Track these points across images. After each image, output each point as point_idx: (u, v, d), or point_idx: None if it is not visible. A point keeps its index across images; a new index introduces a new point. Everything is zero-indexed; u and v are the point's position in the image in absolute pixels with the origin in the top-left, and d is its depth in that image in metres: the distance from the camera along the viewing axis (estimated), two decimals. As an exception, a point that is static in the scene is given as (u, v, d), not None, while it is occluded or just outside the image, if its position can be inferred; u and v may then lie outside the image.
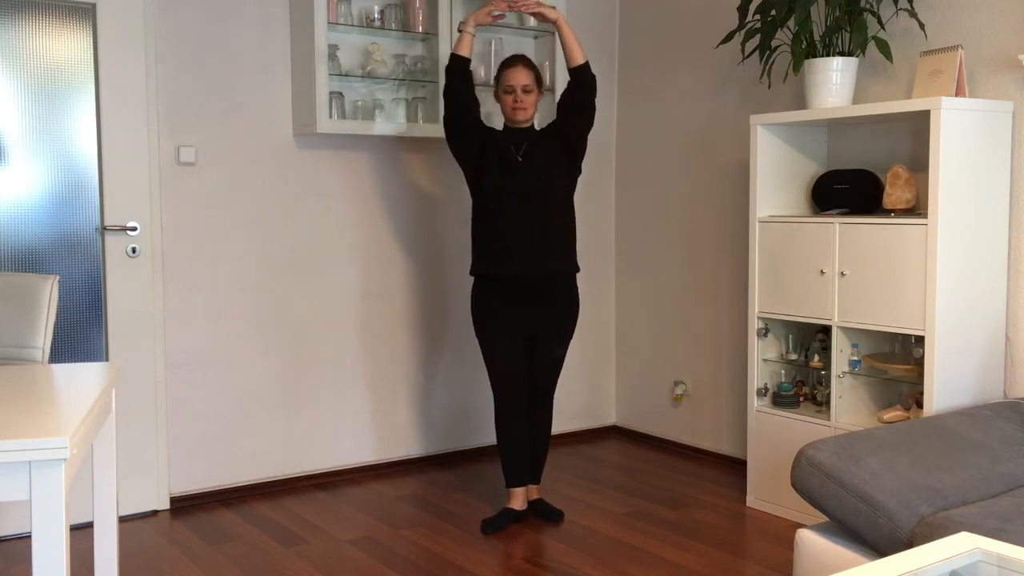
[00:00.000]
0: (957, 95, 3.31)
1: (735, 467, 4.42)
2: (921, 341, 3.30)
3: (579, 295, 3.73)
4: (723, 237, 4.49)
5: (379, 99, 4.30)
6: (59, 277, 3.44)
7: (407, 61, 4.28)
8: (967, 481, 2.44)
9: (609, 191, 5.07)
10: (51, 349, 3.53)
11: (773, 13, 3.68)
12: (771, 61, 3.81)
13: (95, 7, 3.69)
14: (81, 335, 3.73)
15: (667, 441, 4.84)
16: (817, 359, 3.74)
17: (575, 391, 5.01)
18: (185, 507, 3.95)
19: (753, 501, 3.89)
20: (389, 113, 4.32)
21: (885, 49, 3.49)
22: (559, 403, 4.89)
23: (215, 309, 4.01)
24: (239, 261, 4.06)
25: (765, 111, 4.23)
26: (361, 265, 4.35)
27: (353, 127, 4.05)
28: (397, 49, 4.33)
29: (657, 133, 4.81)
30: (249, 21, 4.02)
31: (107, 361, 3.78)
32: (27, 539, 3.60)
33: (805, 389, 3.87)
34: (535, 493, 3.81)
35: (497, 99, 3.67)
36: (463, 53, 3.56)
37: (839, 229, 3.47)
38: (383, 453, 4.46)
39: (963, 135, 3.20)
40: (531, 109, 3.61)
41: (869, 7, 3.62)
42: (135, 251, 3.80)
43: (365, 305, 4.37)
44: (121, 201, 3.77)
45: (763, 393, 3.87)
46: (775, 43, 4.06)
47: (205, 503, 4.00)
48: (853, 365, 3.54)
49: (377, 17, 4.19)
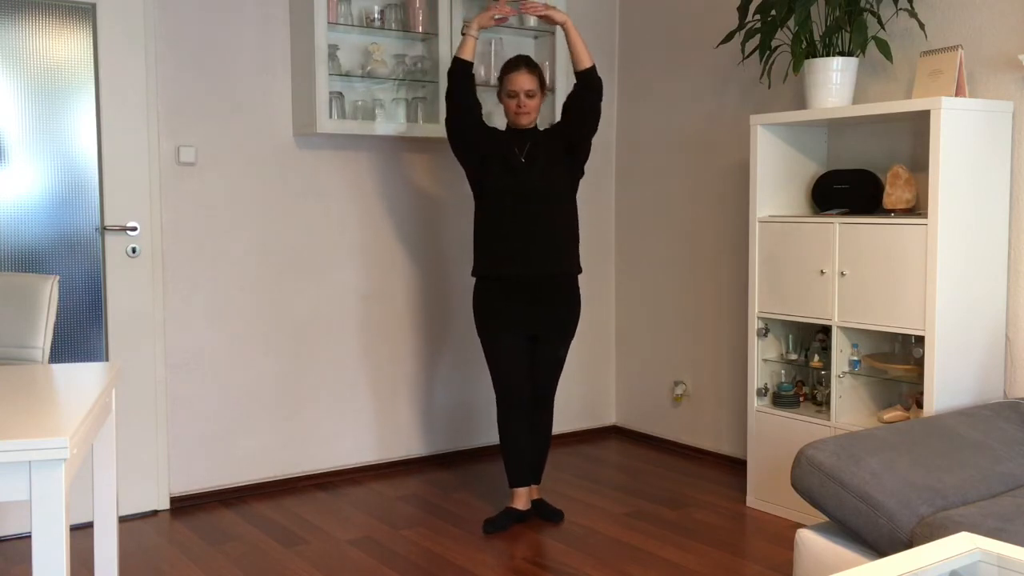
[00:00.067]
0: (957, 95, 3.31)
1: (735, 467, 4.42)
2: (921, 341, 3.30)
3: (580, 296, 3.73)
4: (723, 237, 4.49)
5: (379, 99, 4.30)
6: (59, 277, 3.44)
7: (407, 61, 4.28)
8: (967, 481, 2.44)
9: (609, 191, 5.07)
10: (51, 349, 3.53)
11: (773, 13, 3.68)
12: (771, 61, 3.81)
13: (95, 7, 3.69)
14: (81, 335, 3.73)
15: (667, 441, 4.84)
16: (817, 359, 3.74)
17: (575, 391, 5.01)
18: (185, 507, 3.95)
19: (753, 501, 3.89)
20: (389, 113, 4.32)
21: (885, 49, 3.49)
22: (559, 403, 4.89)
23: (215, 309, 4.01)
24: (239, 261, 4.06)
25: (765, 111, 4.23)
26: (361, 265, 4.35)
27: (353, 127, 4.06)
28: (397, 49, 4.33)
29: (657, 133, 4.81)
30: (249, 21, 4.02)
31: (107, 361, 3.78)
32: (27, 539, 3.60)
33: (805, 389, 3.87)
34: (535, 493, 3.81)
35: (500, 100, 3.67)
36: (466, 57, 3.55)
37: (839, 229, 3.47)
38: (383, 453, 4.46)
39: (963, 135, 3.20)
40: (534, 113, 3.61)
41: (869, 7, 3.62)
42: (135, 251, 3.80)
43: (365, 305, 4.37)
44: (121, 201, 3.77)
45: (763, 393, 3.87)
46: (775, 43, 4.06)
47: (205, 503, 4.00)
48: (853, 365, 3.54)
49: (377, 17, 4.19)
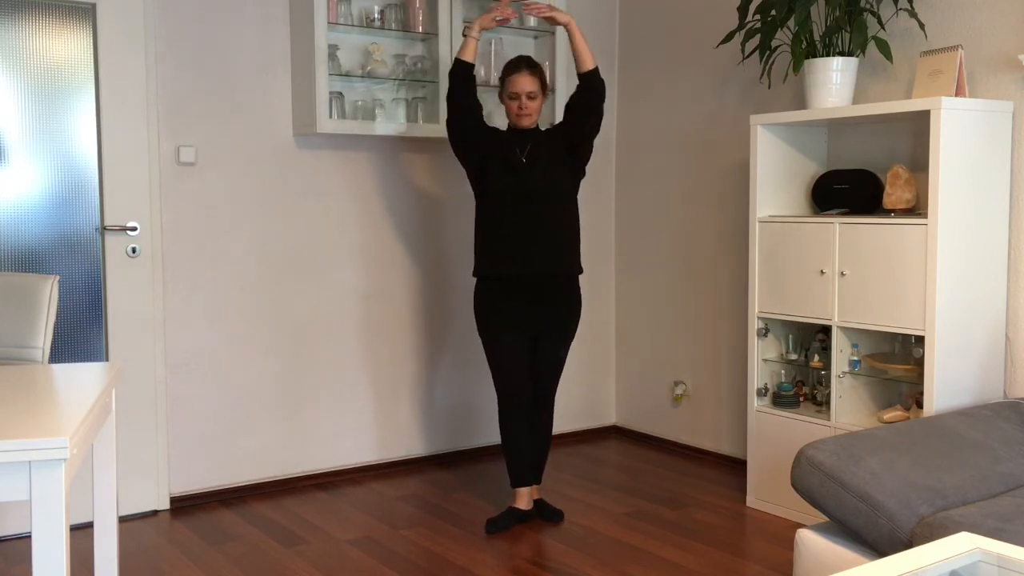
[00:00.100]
0: (957, 95, 3.31)
1: (735, 467, 4.42)
2: (921, 341, 3.30)
3: (581, 296, 3.74)
4: (723, 237, 4.49)
5: (379, 99, 4.30)
6: (59, 277, 3.44)
7: (407, 61, 4.28)
8: (967, 481, 2.44)
9: (609, 191, 5.07)
10: (51, 349, 3.53)
11: (773, 13, 3.68)
12: (771, 61, 3.81)
13: (95, 7, 3.69)
14: (81, 335, 3.73)
15: (667, 441, 4.84)
16: (817, 359, 3.74)
17: (575, 391, 5.01)
18: (185, 507, 3.95)
19: (753, 501, 3.89)
20: (389, 113, 4.32)
21: (885, 49, 3.49)
22: (559, 403, 4.89)
23: (215, 309, 4.01)
24: (239, 261, 4.06)
25: (765, 111, 4.23)
26: (361, 265, 4.35)
27: (353, 127, 4.05)
28: (397, 49, 4.33)
29: (657, 133, 4.81)
30: (249, 21, 4.02)
31: (107, 361, 3.78)
32: (27, 539, 3.60)
33: (805, 389, 3.87)
34: (536, 493, 3.81)
35: (501, 101, 3.67)
36: (467, 59, 3.55)
37: (839, 229, 3.47)
38: (383, 453, 4.46)
39: (963, 135, 3.20)
40: (535, 114, 3.62)
41: (869, 7, 3.62)
42: (135, 251, 3.80)
43: (365, 305, 4.37)
44: (121, 201, 3.77)
45: (763, 393, 3.86)
46: (775, 43, 4.06)
47: (205, 503, 4.00)
48: (853, 365, 3.54)
49: (377, 17, 4.19)
